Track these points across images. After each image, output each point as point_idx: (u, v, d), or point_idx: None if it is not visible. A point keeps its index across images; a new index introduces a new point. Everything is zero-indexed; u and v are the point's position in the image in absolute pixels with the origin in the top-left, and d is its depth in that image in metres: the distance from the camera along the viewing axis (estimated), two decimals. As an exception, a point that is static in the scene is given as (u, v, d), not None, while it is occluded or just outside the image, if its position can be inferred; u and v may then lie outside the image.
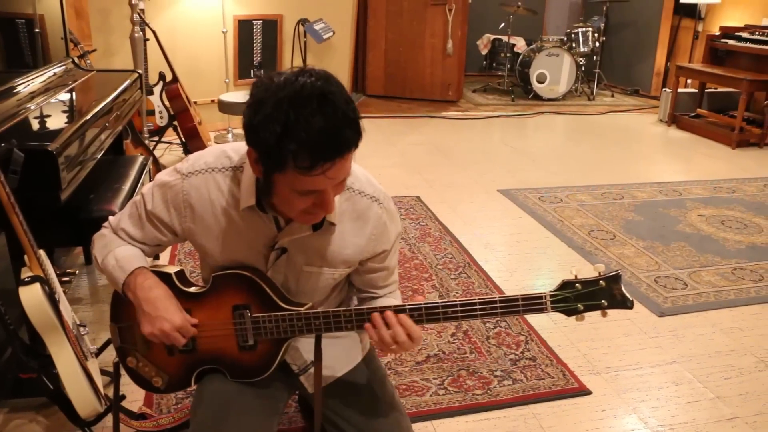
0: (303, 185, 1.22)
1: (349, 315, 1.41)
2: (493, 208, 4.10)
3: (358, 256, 1.49)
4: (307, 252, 1.46)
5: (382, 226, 1.48)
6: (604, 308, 1.37)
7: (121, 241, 1.51)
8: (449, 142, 5.75)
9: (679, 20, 7.54)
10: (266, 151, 1.20)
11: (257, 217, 1.41)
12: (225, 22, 5.37)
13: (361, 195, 1.45)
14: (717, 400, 2.32)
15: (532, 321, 2.76)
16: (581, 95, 7.87)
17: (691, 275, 3.25)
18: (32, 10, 2.68)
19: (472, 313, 1.37)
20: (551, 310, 1.37)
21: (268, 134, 1.17)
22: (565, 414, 2.22)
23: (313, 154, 1.16)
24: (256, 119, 1.19)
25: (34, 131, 2.13)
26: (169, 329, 1.41)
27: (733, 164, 5.32)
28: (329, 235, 1.44)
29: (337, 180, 1.24)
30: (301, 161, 1.17)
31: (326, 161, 1.18)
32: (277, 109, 1.16)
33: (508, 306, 1.36)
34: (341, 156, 1.20)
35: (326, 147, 1.17)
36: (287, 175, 1.21)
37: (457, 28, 7.00)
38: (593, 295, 1.36)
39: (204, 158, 1.45)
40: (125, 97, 2.90)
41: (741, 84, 5.65)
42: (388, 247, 1.52)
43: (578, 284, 1.36)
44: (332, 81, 1.22)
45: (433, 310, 1.39)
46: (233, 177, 1.41)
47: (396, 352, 1.39)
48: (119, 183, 2.59)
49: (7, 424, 2.05)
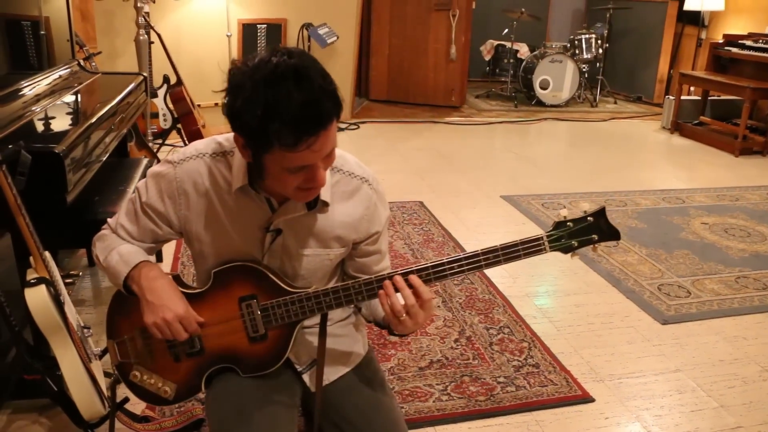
0: (291, 162, 1.23)
1: (358, 286, 1.41)
2: (496, 214, 4.10)
3: (352, 235, 1.50)
4: (301, 233, 1.46)
5: (373, 206, 1.50)
6: (596, 242, 1.43)
7: (122, 240, 1.52)
8: (452, 148, 5.75)
9: (683, 28, 7.56)
10: (250, 133, 1.22)
11: (250, 198, 1.42)
12: (229, 25, 5.38)
13: (351, 176, 1.47)
14: (721, 409, 2.31)
15: (535, 328, 2.76)
16: (584, 102, 7.88)
17: (695, 283, 3.24)
18: (38, 13, 2.69)
19: (476, 264, 1.41)
20: (549, 249, 1.42)
21: (250, 116, 1.19)
22: (568, 421, 2.22)
23: (295, 130, 1.18)
24: (237, 104, 1.21)
25: (40, 133, 2.14)
26: (171, 318, 1.40)
27: (736, 172, 5.32)
28: (322, 215, 1.46)
29: (323, 152, 1.26)
30: (285, 139, 1.18)
31: (309, 135, 1.19)
32: (255, 91, 1.18)
33: (509, 252, 1.40)
34: (324, 128, 1.21)
35: (307, 121, 1.18)
36: (275, 155, 1.22)
37: (461, 33, 7.01)
38: (584, 230, 1.43)
39: (194, 146, 1.46)
40: (130, 100, 2.90)
41: (744, 92, 5.66)
42: (380, 229, 1.54)
43: (569, 222, 1.42)
44: (305, 56, 1.23)
45: (439, 267, 1.41)
46: (224, 161, 1.43)
47: (410, 327, 1.40)
48: (123, 185, 2.59)
49: (11, 425, 2.05)
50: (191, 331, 1.44)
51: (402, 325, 1.40)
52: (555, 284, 3.19)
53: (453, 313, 2.84)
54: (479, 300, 2.97)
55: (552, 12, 9.16)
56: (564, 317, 2.89)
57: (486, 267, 1.42)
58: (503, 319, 2.82)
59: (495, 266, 1.43)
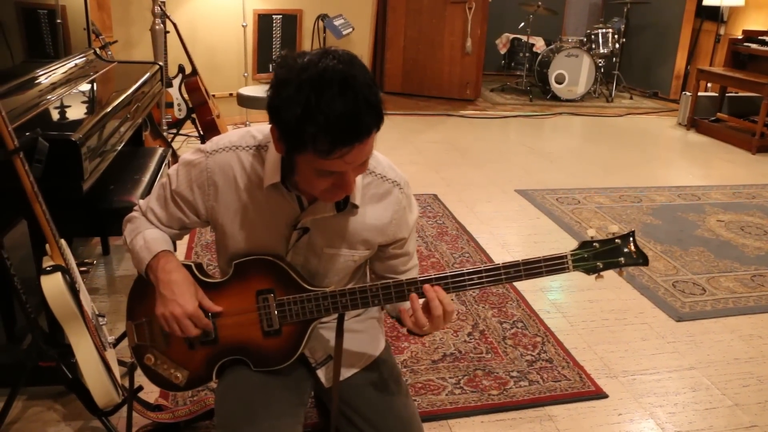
0: (322, 166, 1.23)
1: (375, 290, 1.41)
2: (510, 208, 4.08)
3: (378, 239, 1.50)
4: (328, 232, 1.46)
5: (402, 211, 1.50)
6: (622, 266, 1.41)
7: (149, 224, 1.53)
8: (466, 141, 5.73)
9: (701, 23, 7.48)
10: (287, 131, 1.21)
11: (281, 195, 1.41)
12: (245, 15, 5.38)
13: (383, 179, 1.47)
14: (735, 407, 2.29)
15: (549, 323, 2.74)
16: (600, 97, 7.82)
17: (710, 281, 3.22)
18: (55, 1, 2.69)
19: (497, 278, 1.39)
20: (573, 269, 1.39)
21: (289, 115, 1.18)
22: (581, 417, 2.21)
23: (331, 138, 1.17)
24: (278, 100, 1.20)
25: (56, 121, 2.14)
26: (179, 314, 1.40)
27: (753, 170, 5.26)
28: (351, 217, 1.45)
29: (356, 163, 1.25)
30: (320, 145, 1.18)
31: (344, 146, 1.18)
32: (299, 91, 1.17)
33: (531, 268, 1.38)
34: (360, 141, 1.20)
35: (345, 132, 1.17)
36: (307, 157, 1.22)
37: (477, 26, 6.97)
38: (610, 253, 1.40)
39: (228, 137, 1.46)
40: (145, 90, 2.90)
41: (763, 89, 5.59)
42: (406, 235, 1.54)
43: (596, 243, 1.40)
44: (355, 63, 1.22)
45: (458, 277, 1.39)
46: (257, 155, 1.42)
47: (428, 331, 1.40)
48: (139, 174, 2.59)
49: (26, 411, 2.07)
50: (201, 326, 1.44)
51: (421, 331, 1.41)
52: (569, 279, 3.17)
53: (466, 307, 2.84)
54: (493, 294, 2.95)
55: (568, 6, 9.09)
56: (578, 312, 2.87)
57: (507, 281, 1.41)
58: (517, 313, 2.81)
59: (516, 281, 1.41)
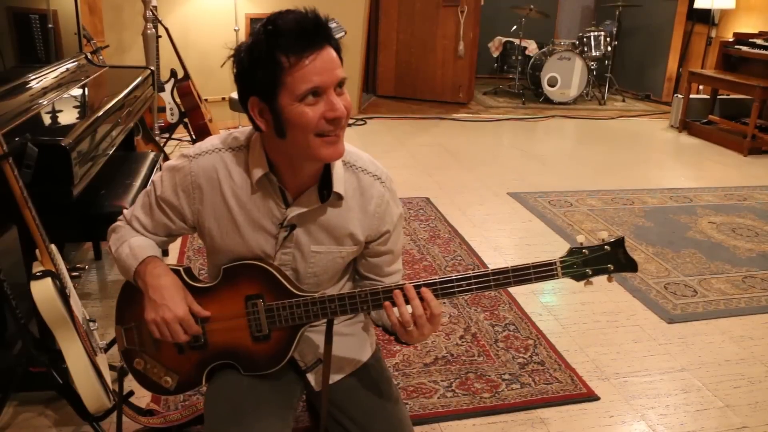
0: (303, 82, 1.24)
1: (364, 295, 1.41)
2: (502, 211, 4.09)
3: (364, 232, 1.50)
4: (314, 229, 1.47)
5: (385, 204, 1.51)
6: (611, 272, 1.42)
7: (134, 233, 1.53)
8: (459, 144, 5.74)
9: (692, 26, 7.51)
10: (259, 66, 1.25)
11: (267, 193, 1.42)
12: (237, 20, 5.37)
13: (364, 172, 1.48)
14: (726, 409, 2.30)
15: (541, 325, 2.75)
16: (592, 99, 7.85)
17: (701, 282, 3.23)
18: (46, 6, 2.69)
19: (486, 285, 1.40)
20: (561, 275, 1.40)
21: (257, 51, 1.25)
22: (572, 419, 2.21)
23: (298, 39, 1.23)
24: (243, 56, 1.28)
25: (46, 126, 2.14)
26: (170, 318, 1.40)
27: (744, 172, 5.29)
28: (336, 209, 1.46)
29: (332, 74, 1.26)
30: (292, 48, 1.22)
31: (313, 47, 1.23)
32: (257, 35, 1.26)
33: (520, 275, 1.39)
34: (327, 42, 1.26)
35: (308, 32, 1.24)
36: (287, 85, 1.24)
37: (469, 29, 6.99)
38: (600, 259, 1.41)
39: (211, 141, 1.47)
40: (137, 94, 2.90)
41: (754, 91, 5.62)
42: (391, 228, 1.54)
43: (585, 250, 1.41)
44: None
45: (447, 284, 1.39)
46: (241, 157, 1.43)
47: (415, 338, 1.40)
48: (130, 179, 2.59)
49: (16, 417, 2.06)
50: (191, 332, 1.44)
51: (408, 335, 1.40)
52: (560, 282, 3.18)
53: (458, 310, 2.84)
54: (485, 297, 2.96)
55: (561, 9, 9.12)
56: (569, 315, 2.88)
57: (495, 288, 1.41)
58: (509, 316, 2.81)
59: (505, 287, 1.41)
